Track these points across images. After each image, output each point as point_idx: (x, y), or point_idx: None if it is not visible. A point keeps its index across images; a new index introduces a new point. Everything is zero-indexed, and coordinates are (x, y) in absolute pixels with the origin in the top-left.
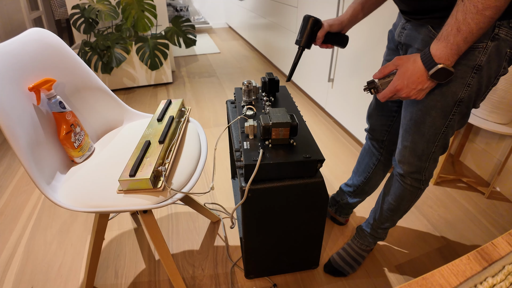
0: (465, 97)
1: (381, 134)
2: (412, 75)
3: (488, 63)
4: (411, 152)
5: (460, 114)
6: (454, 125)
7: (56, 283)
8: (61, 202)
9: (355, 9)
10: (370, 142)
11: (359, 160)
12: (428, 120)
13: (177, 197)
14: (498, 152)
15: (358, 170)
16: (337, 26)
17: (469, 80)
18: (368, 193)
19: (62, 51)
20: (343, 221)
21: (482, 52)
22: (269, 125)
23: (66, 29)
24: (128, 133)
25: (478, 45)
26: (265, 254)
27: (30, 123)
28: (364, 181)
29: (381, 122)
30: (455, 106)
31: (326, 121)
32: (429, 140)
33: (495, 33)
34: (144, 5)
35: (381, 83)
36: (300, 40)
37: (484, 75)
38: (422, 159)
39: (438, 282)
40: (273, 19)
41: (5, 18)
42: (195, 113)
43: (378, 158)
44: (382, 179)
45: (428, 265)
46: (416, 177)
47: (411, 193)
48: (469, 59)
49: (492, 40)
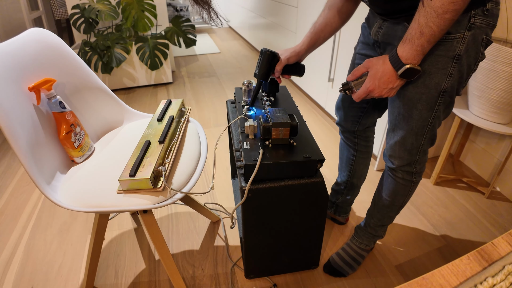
0: (448, 87)
1: (352, 125)
2: (382, 76)
3: (467, 52)
4: (400, 146)
5: (445, 104)
6: (440, 115)
7: (56, 283)
8: (61, 202)
9: (311, 39)
10: (343, 135)
11: (340, 156)
12: (415, 114)
13: (177, 197)
14: (498, 152)
15: (341, 165)
16: (294, 58)
17: (450, 70)
18: (358, 185)
19: (62, 51)
20: (343, 221)
21: (461, 42)
22: (269, 125)
23: (66, 29)
24: (128, 133)
25: (456, 36)
26: (265, 254)
27: (30, 123)
28: (350, 175)
29: (351, 113)
30: (439, 96)
31: (326, 121)
32: (418, 133)
33: (471, 22)
34: (144, 5)
35: (354, 84)
36: (259, 73)
37: (464, 63)
38: (412, 152)
39: (438, 282)
40: (273, 19)
41: (5, 18)
42: (195, 113)
43: (355, 148)
44: (366, 168)
45: (428, 265)
46: (407, 170)
47: (404, 187)
48: (448, 49)
49: (469, 30)
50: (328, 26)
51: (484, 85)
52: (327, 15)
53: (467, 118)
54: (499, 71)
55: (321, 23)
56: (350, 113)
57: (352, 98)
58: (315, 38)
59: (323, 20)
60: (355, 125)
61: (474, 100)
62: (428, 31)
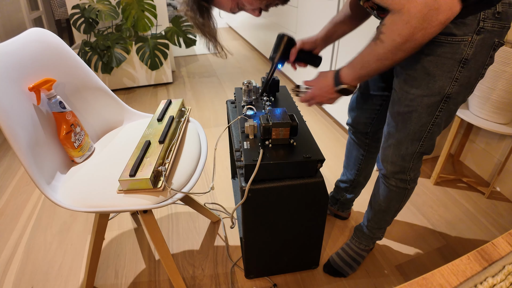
0: (452, 92)
1: (365, 126)
2: (323, 87)
3: (475, 56)
4: (394, 150)
5: (448, 112)
6: (441, 123)
7: (56, 283)
8: (61, 202)
9: (329, 30)
10: (353, 135)
11: (347, 155)
12: (414, 116)
13: (177, 197)
14: (498, 152)
15: (349, 164)
16: (310, 44)
17: (456, 74)
18: (363, 184)
19: (62, 51)
20: (346, 216)
21: (468, 46)
22: (269, 125)
23: (66, 29)
24: (128, 133)
25: (463, 38)
26: (265, 254)
27: (30, 123)
28: (357, 173)
29: (365, 115)
30: (442, 101)
31: (326, 121)
32: (414, 138)
33: (481, 26)
34: (144, 5)
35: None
36: (274, 56)
37: (472, 68)
38: (406, 158)
39: (438, 282)
40: (273, 19)
41: (5, 18)
42: (195, 113)
43: (365, 148)
44: (373, 167)
45: (428, 265)
46: (401, 178)
47: (398, 194)
48: (455, 52)
49: (478, 34)
50: (346, 24)
51: (484, 85)
52: (346, 12)
53: (467, 118)
54: (499, 71)
55: (339, 19)
56: (363, 115)
57: (365, 100)
58: (332, 31)
59: (342, 16)
60: (368, 126)
61: (474, 100)
62: (367, 67)
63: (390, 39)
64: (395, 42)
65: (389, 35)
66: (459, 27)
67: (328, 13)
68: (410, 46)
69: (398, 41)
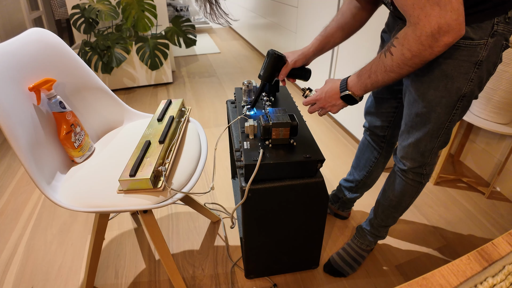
0: (468, 91)
1: (382, 130)
2: (329, 92)
3: (488, 58)
4: (414, 148)
5: (462, 108)
6: (456, 118)
7: (56, 283)
8: (61, 202)
9: (321, 42)
10: (369, 137)
11: (358, 155)
12: (433, 116)
13: (177, 197)
14: (498, 152)
15: (359, 165)
16: (301, 61)
17: (472, 75)
18: (369, 186)
19: (62, 51)
20: (346, 215)
21: (484, 48)
22: (269, 125)
23: (66, 29)
24: (128, 133)
25: (479, 42)
26: (265, 254)
27: (30, 123)
28: (366, 175)
29: (382, 118)
30: (459, 101)
31: (326, 121)
32: (433, 135)
33: (494, 30)
34: (144, 5)
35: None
36: (262, 75)
37: (484, 68)
38: (425, 154)
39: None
40: (273, 19)
41: (5, 18)
42: (195, 113)
43: (380, 152)
44: (382, 171)
45: (428, 265)
46: (418, 171)
47: (412, 188)
48: (472, 55)
49: (492, 37)
50: (339, 31)
51: (486, 86)
52: (340, 20)
53: (467, 118)
54: (499, 71)
55: (333, 28)
56: (380, 118)
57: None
58: (325, 42)
59: (335, 24)
60: (386, 130)
61: (476, 101)
62: (374, 77)
63: (399, 53)
64: (404, 56)
65: (400, 49)
66: (475, 31)
67: (328, 13)
68: (416, 62)
69: (407, 56)
